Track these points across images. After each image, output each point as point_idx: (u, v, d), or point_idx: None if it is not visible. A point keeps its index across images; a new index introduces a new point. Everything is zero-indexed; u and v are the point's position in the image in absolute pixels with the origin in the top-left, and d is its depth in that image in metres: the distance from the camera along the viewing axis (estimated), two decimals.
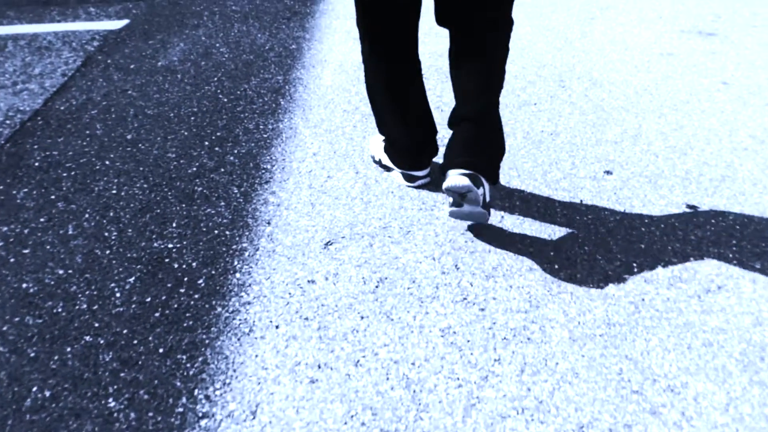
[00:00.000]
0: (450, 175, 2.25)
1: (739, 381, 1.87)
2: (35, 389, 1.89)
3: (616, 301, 2.17)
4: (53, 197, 2.73)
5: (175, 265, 2.35)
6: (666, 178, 2.79)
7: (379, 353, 1.98)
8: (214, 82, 3.69)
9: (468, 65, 2.31)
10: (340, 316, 2.12)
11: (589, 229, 2.50)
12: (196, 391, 1.87)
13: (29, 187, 2.80)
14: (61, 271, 2.34)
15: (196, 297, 2.21)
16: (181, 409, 1.83)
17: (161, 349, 2.01)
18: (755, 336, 2.03)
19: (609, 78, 3.63)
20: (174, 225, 2.55)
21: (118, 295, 2.23)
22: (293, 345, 2.02)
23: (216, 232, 2.51)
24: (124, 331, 2.08)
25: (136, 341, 2.05)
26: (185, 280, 2.29)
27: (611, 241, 2.44)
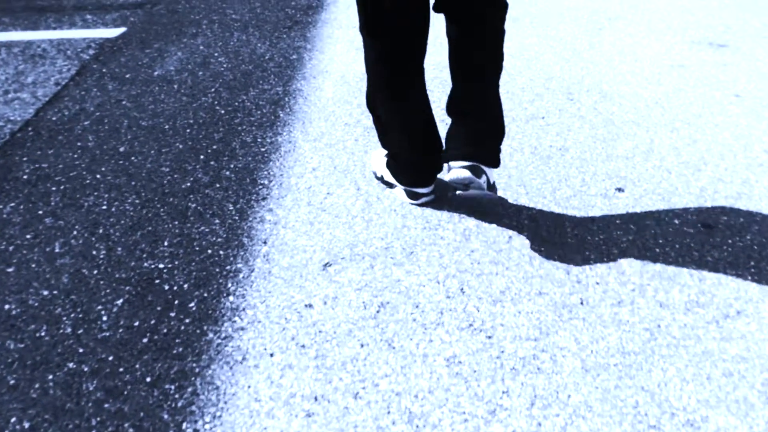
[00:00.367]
0: (452, 167, 2.37)
1: (762, 414, 1.77)
2: (14, 420, 1.78)
3: (630, 327, 2.06)
4: (41, 212, 2.62)
5: (166, 287, 2.24)
6: (680, 195, 2.69)
7: (379, 384, 1.87)
8: (211, 93, 3.58)
9: (467, 45, 2.29)
10: (338, 344, 2.01)
11: (601, 249, 2.40)
12: (185, 425, 1.76)
13: (16, 201, 2.70)
14: (45, 292, 2.23)
15: (187, 321, 2.10)
16: None
17: (148, 378, 1.90)
18: None
19: (619, 91, 3.53)
20: (166, 243, 2.44)
21: (105, 318, 2.12)
22: (288, 375, 1.90)
23: (209, 251, 2.40)
24: (110, 358, 1.97)
25: (122, 369, 1.93)
26: (176, 303, 2.17)
27: (624, 263, 2.33)
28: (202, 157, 2.99)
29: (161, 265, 2.34)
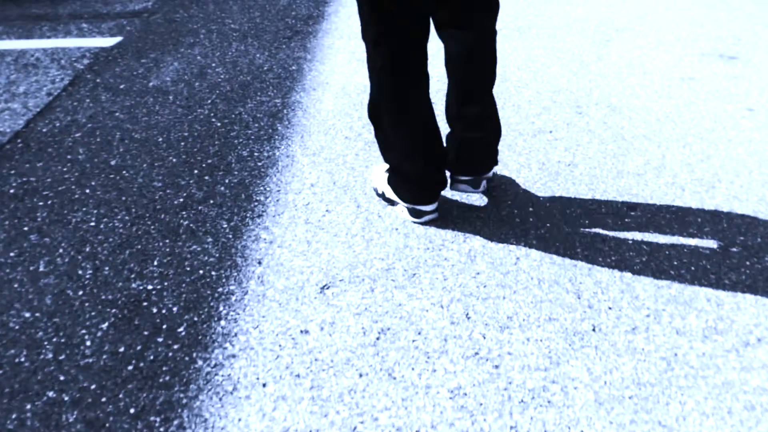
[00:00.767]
0: (453, 180, 2.62)
1: None
2: None
3: (645, 356, 1.96)
4: (26, 229, 2.51)
5: (154, 310, 2.12)
6: (694, 214, 2.59)
7: (379, 418, 1.75)
8: (207, 105, 3.47)
9: (464, 54, 2.34)
10: (335, 373, 1.89)
11: (613, 272, 2.28)
12: None
13: (1, 216, 2.59)
14: (27, 314, 2.11)
15: (175, 348, 1.98)
16: None
17: (132, 410, 1.78)
18: None
19: (628, 104, 3.42)
20: (155, 263, 2.33)
21: (89, 343, 2.00)
22: (282, 407, 1.79)
23: (201, 272, 2.29)
24: (92, 387, 1.86)
25: (104, 399, 1.82)
26: (164, 327, 2.06)
27: (638, 286, 2.22)
28: (196, 171, 2.88)
29: (150, 287, 2.22)
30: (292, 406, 1.80)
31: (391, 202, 2.60)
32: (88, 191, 2.75)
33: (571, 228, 2.51)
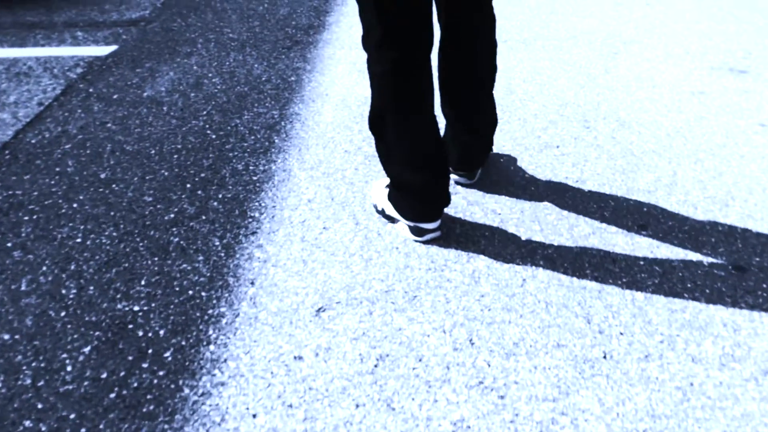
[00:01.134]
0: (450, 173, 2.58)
1: None
2: None
3: (660, 386, 1.85)
4: (10, 245, 2.40)
5: (140, 333, 2.01)
6: (708, 234, 2.49)
7: None
8: (202, 116, 3.36)
9: (463, 58, 2.41)
10: (331, 403, 1.78)
11: (624, 295, 2.18)
12: None
13: None
14: (6, 336, 2.01)
15: (161, 374, 1.87)
16: None
17: None
18: None
19: (637, 118, 3.32)
20: (143, 283, 2.21)
21: (70, 368, 1.89)
22: None
23: (191, 292, 2.17)
24: (72, 416, 1.75)
25: (84, 430, 1.70)
26: (150, 352, 1.95)
27: (650, 310, 2.12)
28: (189, 185, 2.77)
29: (136, 308, 2.11)
30: None
31: (392, 220, 2.49)
32: (75, 206, 2.64)
33: (580, 247, 2.41)
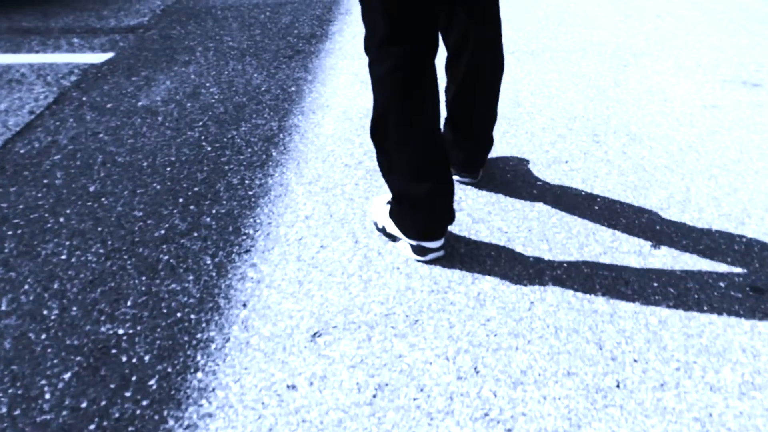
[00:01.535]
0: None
1: None
2: None
3: (677, 417, 1.74)
4: None
5: (124, 358, 1.89)
6: (724, 253, 2.38)
7: None
8: (198, 127, 3.25)
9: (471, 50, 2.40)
10: None
11: (638, 318, 2.07)
12: None
13: None
14: None
15: (144, 404, 1.75)
16: None
17: None
18: None
19: (649, 133, 3.22)
20: (129, 304, 2.10)
21: (48, 396, 1.78)
22: None
23: (179, 314, 2.06)
24: None
25: None
26: (133, 379, 1.83)
27: (665, 335, 2.00)
28: (181, 200, 2.66)
29: (120, 331, 1.99)
30: None
31: (393, 238, 2.38)
32: (62, 220, 2.53)
33: (590, 268, 2.30)
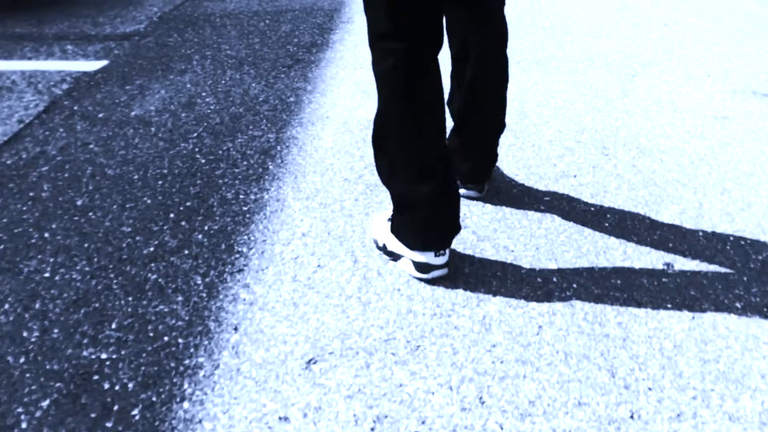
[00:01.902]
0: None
1: None
2: None
3: None
4: None
5: (106, 386, 1.78)
6: (739, 272, 2.28)
7: None
8: (192, 139, 3.14)
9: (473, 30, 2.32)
10: None
11: (652, 343, 1.96)
12: None
13: None
14: None
15: None
16: None
17: None
18: None
19: (659, 145, 3.12)
20: (113, 326, 1.99)
21: (24, 425, 1.68)
22: None
23: (166, 338, 1.94)
24: None
25: None
26: (115, 408, 1.72)
27: (681, 361, 1.90)
28: (172, 215, 2.55)
29: (103, 356, 1.88)
30: None
31: (394, 256, 2.26)
32: (47, 235, 2.42)
33: (601, 289, 2.19)
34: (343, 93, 3.73)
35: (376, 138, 2.12)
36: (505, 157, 3.00)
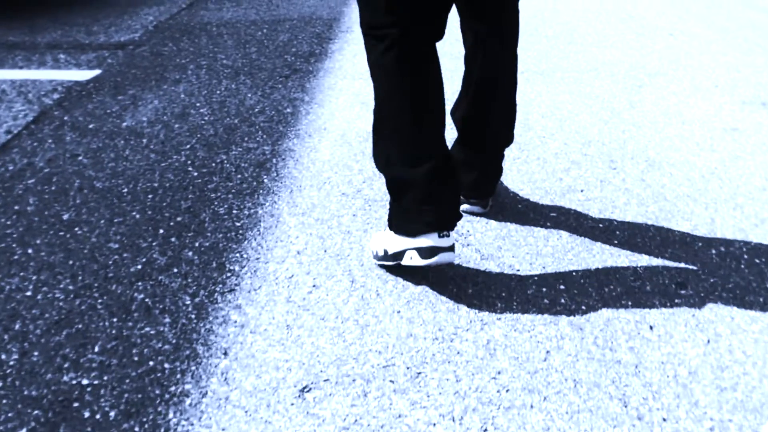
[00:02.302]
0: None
1: None
2: None
3: None
4: None
5: (86, 414, 1.68)
6: (754, 293, 2.19)
7: None
8: (185, 151, 3.05)
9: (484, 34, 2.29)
10: None
11: (665, 370, 1.86)
12: None
13: None
14: None
15: None
16: None
17: None
18: None
19: (668, 158, 3.04)
20: (96, 349, 1.89)
21: None
22: None
23: (151, 363, 1.84)
24: None
25: None
26: None
27: (696, 389, 1.80)
28: (162, 231, 2.45)
29: (85, 381, 1.78)
30: None
31: (397, 257, 2.15)
32: (30, 251, 2.32)
33: (611, 311, 2.09)
34: (341, 104, 3.65)
35: (375, 126, 2.12)
36: (509, 171, 2.92)
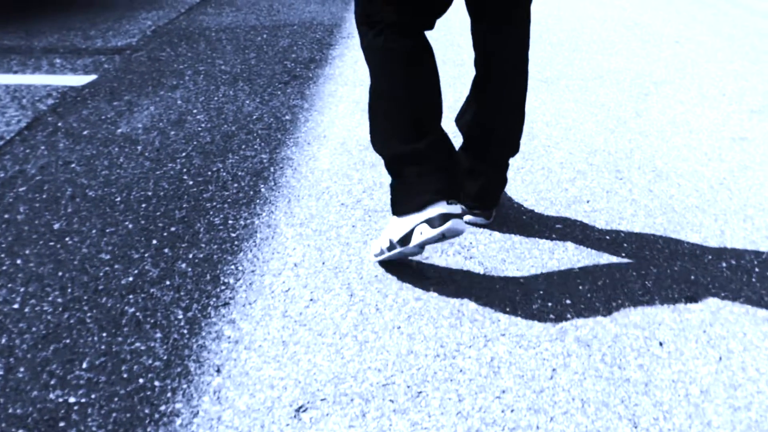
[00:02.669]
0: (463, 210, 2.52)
1: None
2: None
3: None
4: None
5: None
6: (767, 307, 2.13)
7: None
8: (180, 159, 2.98)
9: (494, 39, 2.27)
10: None
11: (676, 388, 1.80)
12: None
13: None
14: None
15: None
16: None
17: None
18: None
19: (676, 168, 2.98)
20: (84, 366, 1.81)
21: None
22: None
23: (141, 380, 1.77)
24: None
25: None
26: None
27: (709, 408, 1.74)
28: (155, 242, 2.39)
29: (72, 399, 1.71)
30: None
31: (404, 243, 2.07)
32: (19, 262, 2.25)
33: (620, 327, 2.03)
34: (341, 111, 3.59)
35: (371, 105, 2.13)
36: (513, 181, 2.85)
